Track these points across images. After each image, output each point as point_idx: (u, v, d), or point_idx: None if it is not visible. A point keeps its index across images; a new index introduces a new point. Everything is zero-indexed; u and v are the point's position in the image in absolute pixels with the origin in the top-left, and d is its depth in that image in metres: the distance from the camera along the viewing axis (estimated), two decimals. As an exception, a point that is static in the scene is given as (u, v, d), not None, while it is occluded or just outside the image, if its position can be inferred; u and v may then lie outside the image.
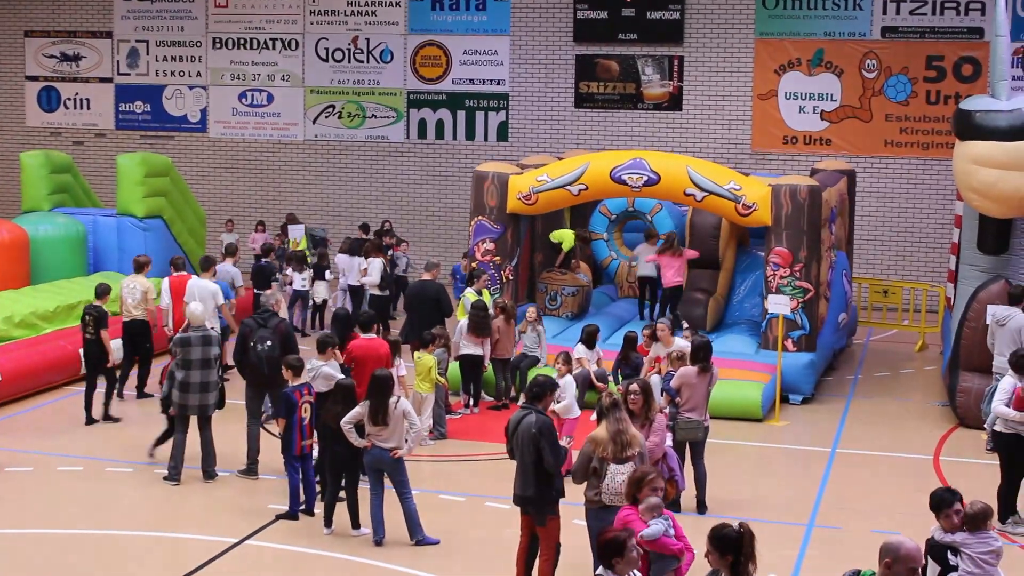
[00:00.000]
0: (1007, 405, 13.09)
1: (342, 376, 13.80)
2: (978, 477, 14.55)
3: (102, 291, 17.50)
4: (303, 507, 13.28)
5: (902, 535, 7.23)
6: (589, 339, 17.54)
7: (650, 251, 20.49)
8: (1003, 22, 17.73)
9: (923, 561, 7.09)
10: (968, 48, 26.36)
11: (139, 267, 18.54)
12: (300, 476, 13.25)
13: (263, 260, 22.20)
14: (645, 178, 18.97)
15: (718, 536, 7.51)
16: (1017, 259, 17.63)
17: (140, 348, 18.30)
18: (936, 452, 16.28)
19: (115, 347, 17.67)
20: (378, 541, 12.46)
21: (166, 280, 18.66)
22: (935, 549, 9.04)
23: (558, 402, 13.81)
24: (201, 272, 18.53)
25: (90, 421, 16.96)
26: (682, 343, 15.43)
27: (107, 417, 17.04)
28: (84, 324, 17.16)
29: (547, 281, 20.62)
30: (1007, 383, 13.24)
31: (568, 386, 14.62)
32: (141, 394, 18.30)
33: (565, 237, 20.77)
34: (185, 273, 18.82)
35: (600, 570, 7.83)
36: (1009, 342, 15.61)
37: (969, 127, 17.05)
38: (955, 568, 8.95)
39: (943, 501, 9.13)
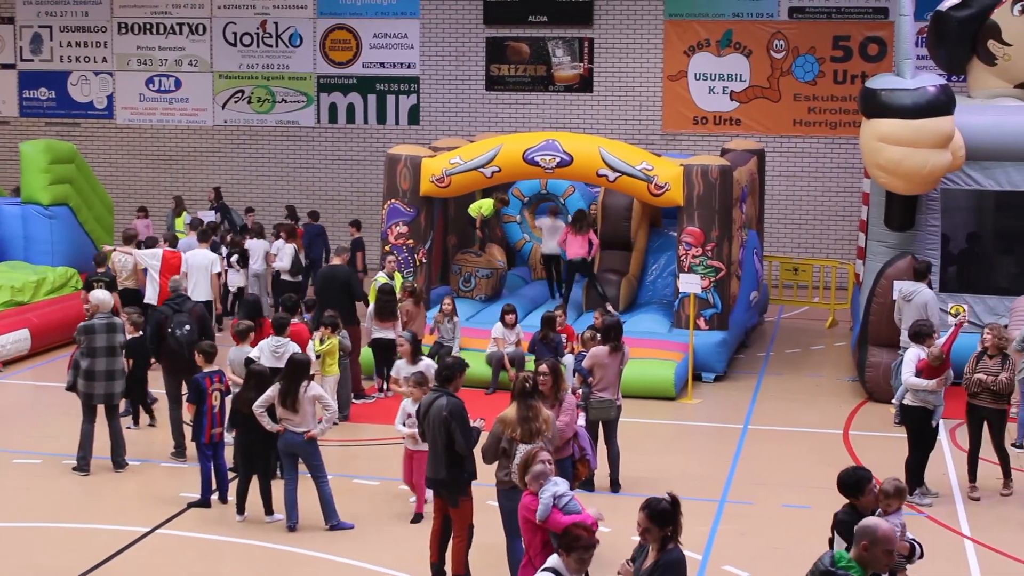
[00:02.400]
0: (915, 376, 13.28)
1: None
2: (887, 450, 14.78)
3: (101, 259, 19.01)
4: (215, 494, 13.16)
5: (878, 518, 7.26)
6: (505, 319, 17.61)
7: (552, 224, 20.41)
8: (907, 2, 17.94)
9: (897, 543, 7.11)
10: (873, 28, 26.67)
11: (128, 239, 19.94)
12: (212, 463, 13.13)
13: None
14: (558, 159, 18.97)
15: (657, 512, 7.49)
16: (923, 235, 17.90)
17: None
18: (846, 427, 16.50)
19: None
20: (291, 527, 12.40)
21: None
22: (843, 525, 9.14)
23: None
24: (199, 243, 19.61)
25: None
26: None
27: None
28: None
29: (461, 263, 20.59)
30: (911, 355, 13.43)
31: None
32: None
33: (484, 204, 20.79)
34: (175, 249, 19.30)
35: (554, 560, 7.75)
36: (915, 317, 15.81)
37: (875, 105, 17.24)
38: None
39: (863, 479, 9.18)
